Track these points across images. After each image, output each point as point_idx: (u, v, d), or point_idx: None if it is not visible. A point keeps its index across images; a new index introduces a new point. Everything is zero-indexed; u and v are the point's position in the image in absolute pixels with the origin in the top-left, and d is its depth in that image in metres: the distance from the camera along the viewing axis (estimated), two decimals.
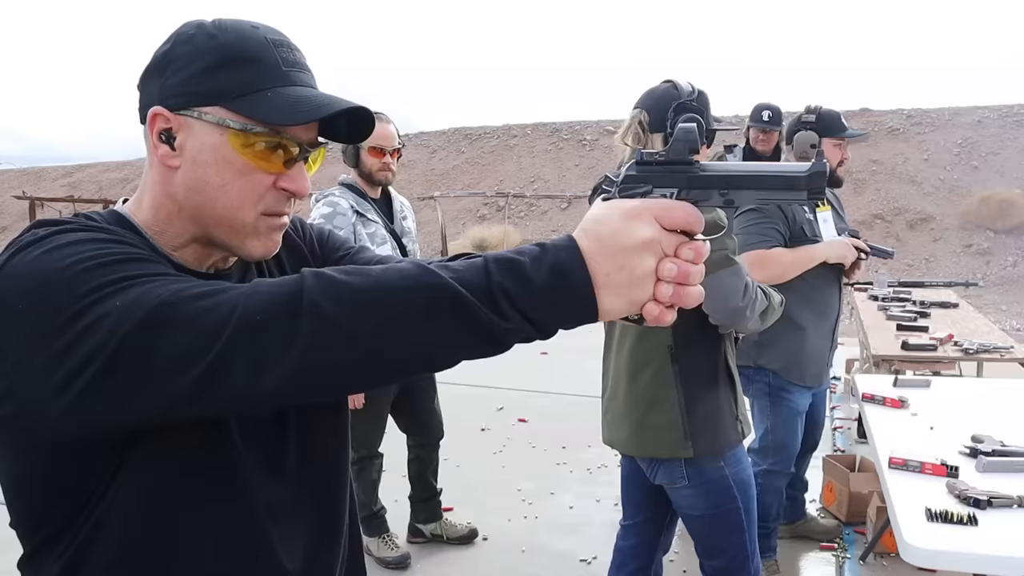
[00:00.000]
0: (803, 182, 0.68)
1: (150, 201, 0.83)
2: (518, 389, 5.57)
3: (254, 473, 0.82)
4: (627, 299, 0.65)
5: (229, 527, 0.81)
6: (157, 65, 0.80)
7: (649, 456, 1.98)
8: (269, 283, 0.67)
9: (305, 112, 0.78)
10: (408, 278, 0.65)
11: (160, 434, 0.73)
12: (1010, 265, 13.16)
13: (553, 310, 0.65)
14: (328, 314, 0.63)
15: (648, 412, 1.93)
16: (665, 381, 1.90)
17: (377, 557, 3.08)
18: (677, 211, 0.66)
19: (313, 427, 0.91)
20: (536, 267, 0.64)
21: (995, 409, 2.42)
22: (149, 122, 0.80)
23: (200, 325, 0.64)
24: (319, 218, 2.68)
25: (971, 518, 1.64)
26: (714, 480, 1.92)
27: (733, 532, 1.95)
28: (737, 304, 1.81)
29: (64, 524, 0.77)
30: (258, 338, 0.64)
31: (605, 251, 0.64)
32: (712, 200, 0.71)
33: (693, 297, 0.67)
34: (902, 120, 17.76)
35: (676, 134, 0.71)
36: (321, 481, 0.93)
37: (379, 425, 3.02)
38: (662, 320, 0.67)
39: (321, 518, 0.93)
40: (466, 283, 0.64)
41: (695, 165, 0.71)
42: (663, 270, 0.65)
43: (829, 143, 2.76)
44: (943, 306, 4.48)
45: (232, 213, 0.80)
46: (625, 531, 2.23)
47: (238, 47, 0.78)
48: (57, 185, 25.34)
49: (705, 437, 1.89)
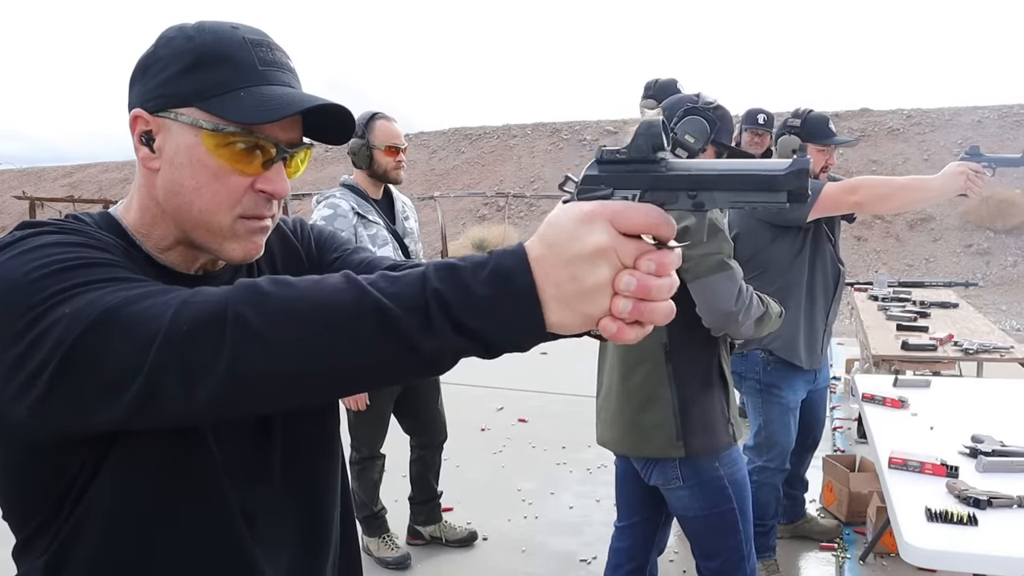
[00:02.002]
0: (782, 182, 0.60)
1: (137, 203, 0.83)
2: (518, 389, 5.57)
3: (232, 479, 0.82)
4: (579, 313, 0.58)
5: (203, 532, 0.81)
6: (140, 68, 0.81)
7: (642, 456, 1.98)
8: (205, 292, 0.65)
9: (274, 110, 0.76)
10: (333, 290, 0.62)
11: (134, 436, 0.73)
12: (1010, 265, 13.16)
13: (492, 321, 0.59)
14: (252, 326, 0.61)
15: (641, 411, 1.92)
16: (659, 380, 1.90)
17: (377, 557, 3.08)
18: (635, 215, 0.58)
19: (300, 434, 0.91)
20: (476, 273, 0.59)
21: (995, 409, 2.43)
22: (131, 124, 0.80)
23: (138, 335, 0.63)
24: (320, 220, 2.68)
25: (971, 518, 1.64)
26: (709, 480, 1.91)
27: (728, 533, 1.95)
28: (729, 309, 1.82)
29: (46, 520, 0.78)
30: (185, 350, 0.62)
31: (555, 259, 0.58)
32: (680, 203, 0.63)
33: (659, 314, 0.59)
34: (902, 120, 17.77)
35: (637, 128, 0.64)
36: (309, 489, 0.93)
37: (381, 426, 3.02)
38: (621, 338, 0.59)
39: (309, 525, 0.93)
40: (396, 294, 0.60)
41: (660, 163, 0.63)
42: (619, 283, 0.58)
43: (813, 149, 2.76)
44: (943, 306, 4.49)
45: (208, 216, 0.79)
46: (620, 532, 2.22)
47: (213, 48, 0.78)
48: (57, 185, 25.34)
49: (697, 438, 1.88)
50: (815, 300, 2.78)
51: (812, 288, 2.77)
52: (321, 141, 0.85)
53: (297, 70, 0.85)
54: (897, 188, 2.56)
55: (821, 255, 2.79)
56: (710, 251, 1.82)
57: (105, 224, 0.82)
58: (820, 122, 2.79)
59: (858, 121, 17.96)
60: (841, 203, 2.61)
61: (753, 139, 4.14)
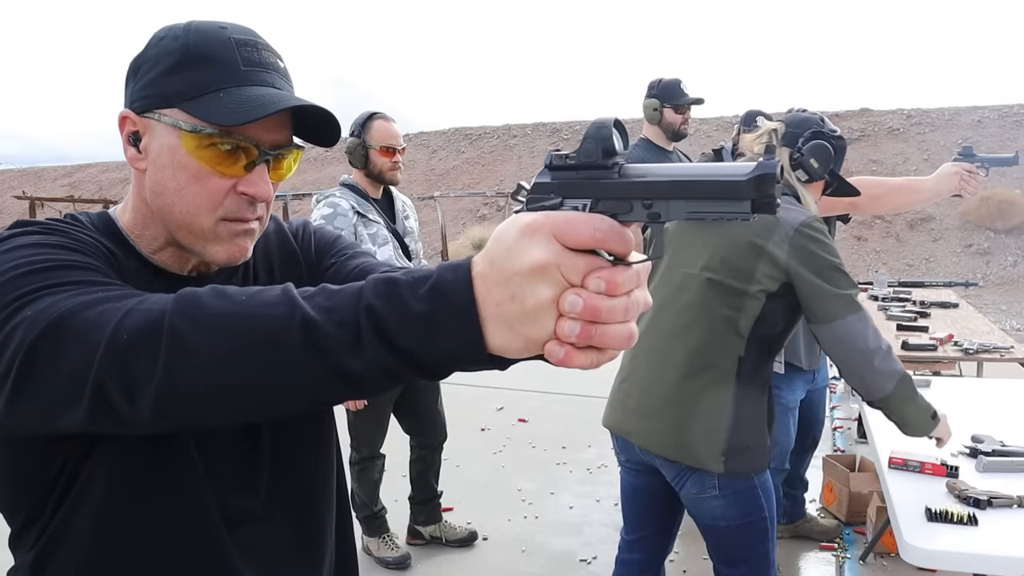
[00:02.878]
0: (743, 189, 0.51)
1: (131, 204, 0.84)
2: (518, 389, 5.57)
3: (214, 487, 0.82)
4: (522, 336, 0.53)
5: (184, 539, 0.81)
6: (132, 68, 0.81)
7: (681, 461, 1.84)
8: (151, 300, 0.63)
9: (249, 111, 0.74)
10: (266, 304, 0.59)
11: (115, 439, 0.73)
12: (1010, 265, 13.16)
13: (426, 339, 0.54)
14: (185, 339, 0.59)
15: (696, 416, 1.81)
16: (724, 390, 1.79)
17: (377, 557, 3.08)
18: (581, 227, 0.52)
19: (289, 444, 0.90)
20: (416, 288, 0.55)
21: (995, 409, 2.43)
22: (119, 125, 0.81)
23: (87, 342, 0.62)
24: (319, 219, 2.68)
25: (971, 518, 1.64)
26: (744, 490, 1.83)
27: (759, 541, 1.87)
28: (865, 345, 1.71)
29: (33, 513, 0.79)
30: (126, 360, 0.60)
31: (496, 275, 0.53)
32: (635, 213, 0.55)
33: (612, 338, 0.53)
34: (902, 120, 17.76)
35: (587, 131, 0.57)
36: (300, 496, 0.92)
37: (381, 426, 3.02)
38: (570, 364, 0.53)
39: (301, 533, 0.92)
40: (328, 309, 0.57)
41: (612, 169, 0.56)
42: (564, 303, 0.52)
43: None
44: (943, 306, 4.49)
45: (190, 218, 0.79)
46: (630, 545, 2.13)
47: (197, 48, 0.77)
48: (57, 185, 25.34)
49: (740, 458, 1.79)
50: None
51: None
52: (312, 143, 0.85)
53: (289, 70, 0.84)
54: (892, 189, 2.57)
55: None
56: (840, 292, 1.73)
57: (101, 225, 0.82)
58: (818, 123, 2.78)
59: (858, 121, 17.96)
60: (837, 203, 2.61)
61: None
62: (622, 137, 0.57)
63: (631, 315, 0.53)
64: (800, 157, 1.88)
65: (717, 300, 1.80)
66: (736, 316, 1.79)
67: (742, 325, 1.79)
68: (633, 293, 0.54)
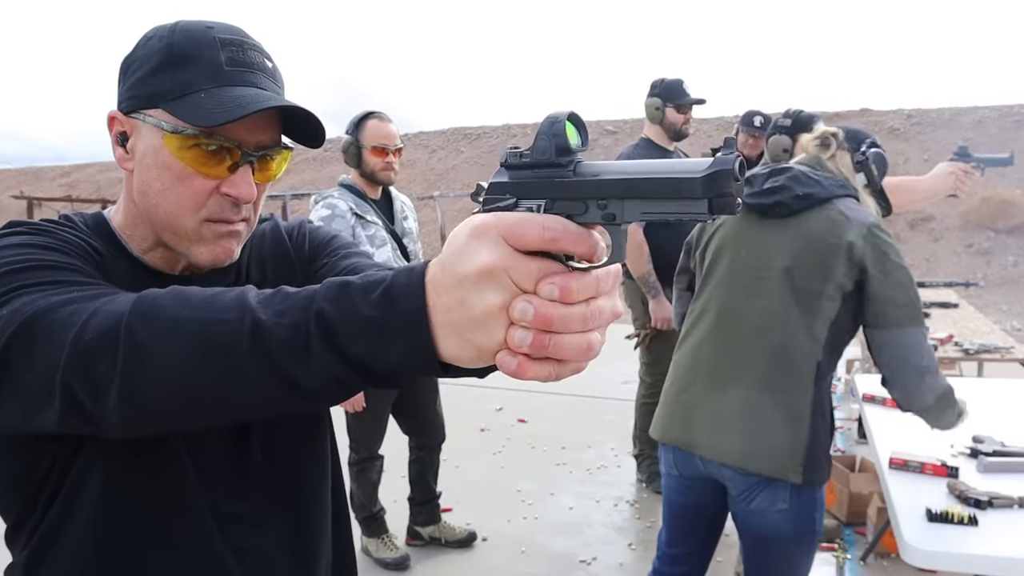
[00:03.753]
0: (697, 188, 0.47)
1: (123, 204, 0.85)
2: (517, 389, 5.56)
3: (205, 488, 0.82)
4: (471, 344, 0.50)
5: (176, 541, 0.81)
6: (121, 69, 0.81)
7: (758, 472, 1.75)
8: (116, 301, 0.63)
9: (227, 112, 0.74)
10: (220, 308, 0.58)
11: (100, 440, 0.73)
12: (1010, 265, 13.16)
13: (376, 346, 0.52)
14: (141, 341, 0.58)
15: (776, 426, 1.74)
16: (803, 398, 1.74)
17: (376, 558, 3.07)
18: (530, 228, 0.48)
19: (281, 446, 0.90)
20: (367, 292, 0.53)
21: (996, 409, 2.42)
22: (108, 125, 0.81)
23: (55, 342, 0.61)
24: (318, 221, 2.67)
25: (971, 519, 1.64)
26: (809, 503, 1.78)
27: (806, 555, 1.84)
28: (920, 362, 1.67)
29: (24, 510, 0.79)
30: (89, 363, 0.60)
31: (446, 280, 0.50)
32: (590, 214, 0.51)
33: (568, 349, 0.49)
34: (902, 120, 17.78)
35: (540, 127, 0.53)
36: (294, 497, 0.92)
37: (380, 427, 3.02)
38: (524, 376, 0.50)
39: (297, 534, 0.92)
40: (279, 313, 0.55)
41: (567, 168, 0.52)
42: (514, 311, 0.48)
43: None
44: (943, 306, 4.48)
45: (173, 218, 0.79)
46: (673, 558, 2.04)
47: (182, 48, 0.77)
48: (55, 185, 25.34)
49: (814, 469, 1.73)
50: None
51: None
52: (301, 143, 0.84)
53: (279, 70, 0.84)
54: (888, 189, 2.56)
55: None
56: (909, 301, 1.69)
57: (94, 225, 0.83)
58: (810, 122, 2.77)
59: (858, 121, 17.96)
60: None
61: (748, 140, 4.21)
62: (580, 133, 0.54)
63: (591, 325, 0.49)
64: (864, 161, 1.86)
65: (795, 302, 1.74)
66: (813, 320, 1.73)
67: (818, 328, 1.73)
68: (595, 301, 0.50)
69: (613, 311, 0.51)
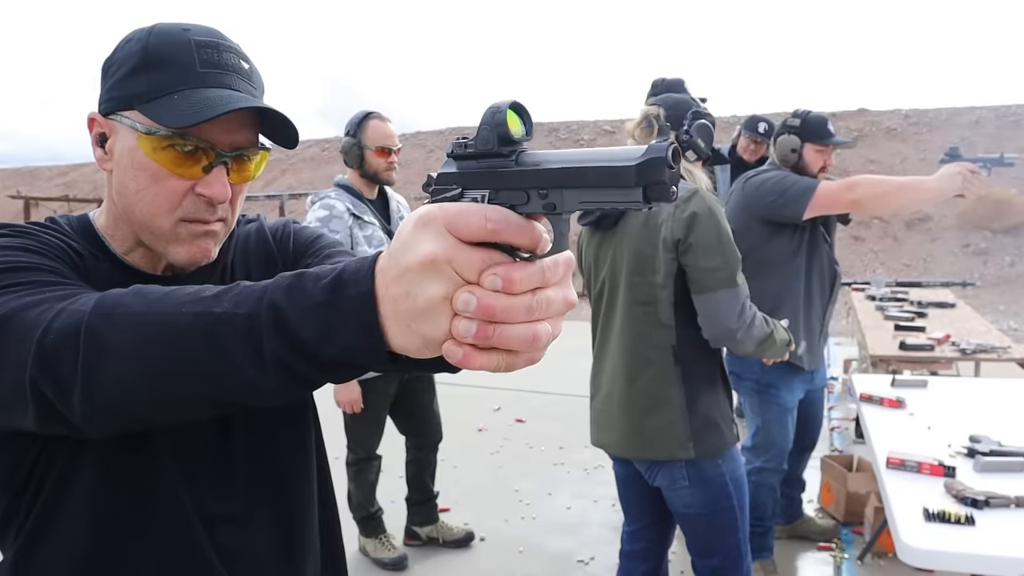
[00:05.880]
0: (631, 176, 0.47)
1: (105, 205, 0.86)
2: (515, 389, 5.56)
3: (190, 490, 0.83)
4: (417, 334, 0.50)
5: (160, 537, 0.82)
6: (102, 71, 0.82)
7: (648, 458, 1.96)
8: (80, 300, 0.63)
9: (197, 113, 0.74)
10: (178, 304, 0.58)
11: (83, 440, 0.73)
12: (1007, 265, 13.18)
13: (324, 334, 0.52)
14: (102, 338, 0.59)
15: (648, 414, 1.91)
16: (667, 382, 1.89)
17: (374, 558, 3.07)
18: (472, 218, 0.48)
19: (266, 445, 0.90)
20: (318, 279, 0.53)
21: (992, 409, 2.42)
22: (88, 126, 0.82)
23: (24, 342, 0.62)
24: (315, 221, 2.66)
25: (968, 518, 1.64)
26: (712, 478, 1.91)
27: (728, 531, 1.95)
28: (730, 326, 1.83)
29: (9, 512, 0.80)
30: (55, 362, 0.60)
31: (393, 270, 0.50)
32: (532, 204, 0.51)
33: (513, 340, 0.49)
34: (900, 120, 17.79)
35: (483, 117, 0.53)
36: (280, 494, 0.92)
37: (377, 427, 3.01)
38: (469, 365, 0.50)
39: (283, 531, 0.92)
40: (235, 305, 0.56)
41: (510, 158, 0.52)
42: (457, 301, 0.48)
43: (812, 149, 2.75)
44: (940, 306, 4.49)
45: (149, 219, 0.81)
46: (631, 536, 2.20)
47: (157, 50, 0.78)
48: (52, 184, 25.27)
49: (706, 439, 1.88)
50: (812, 301, 2.78)
51: (809, 289, 2.77)
52: (278, 144, 0.85)
53: (257, 71, 0.85)
54: (895, 187, 2.57)
55: (818, 256, 2.78)
56: (719, 265, 1.81)
57: (79, 227, 0.85)
58: (819, 122, 2.78)
59: (856, 121, 17.97)
60: (839, 201, 2.61)
61: (750, 145, 4.22)
62: (524, 122, 0.54)
63: (537, 315, 0.49)
64: (688, 139, 1.92)
65: (638, 303, 1.89)
66: (655, 310, 1.87)
67: (664, 315, 1.87)
68: (543, 292, 0.50)
69: (566, 301, 0.51)
